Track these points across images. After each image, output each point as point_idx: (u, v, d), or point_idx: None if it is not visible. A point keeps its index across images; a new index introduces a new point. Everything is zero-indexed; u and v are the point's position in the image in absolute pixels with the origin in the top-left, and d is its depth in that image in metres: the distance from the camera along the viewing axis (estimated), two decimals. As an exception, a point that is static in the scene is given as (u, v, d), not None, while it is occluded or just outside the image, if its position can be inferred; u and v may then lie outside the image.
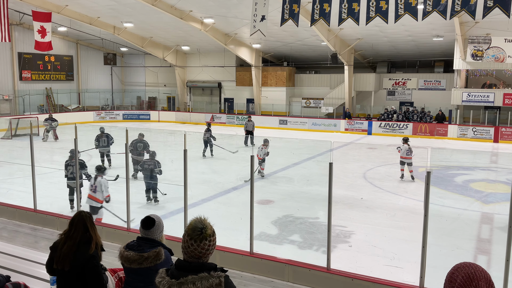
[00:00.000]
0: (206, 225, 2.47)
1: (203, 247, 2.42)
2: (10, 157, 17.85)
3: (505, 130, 24.34)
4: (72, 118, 27.35)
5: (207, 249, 2.44)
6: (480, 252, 8.27)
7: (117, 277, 3.94)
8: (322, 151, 18.29)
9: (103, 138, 15.30)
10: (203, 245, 2.42)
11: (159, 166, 10.86)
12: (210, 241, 2.45)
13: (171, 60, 33.75)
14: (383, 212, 10.48)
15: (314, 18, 11.96)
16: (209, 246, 2.45)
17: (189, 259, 2.43)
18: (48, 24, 22.83)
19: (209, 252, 2.46)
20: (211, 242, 2.46)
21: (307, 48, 29.59)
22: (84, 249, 3.50)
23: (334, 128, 28.56)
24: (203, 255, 2.43)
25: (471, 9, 10.38)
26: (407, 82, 30.51)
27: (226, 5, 22.13)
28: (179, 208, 9.88)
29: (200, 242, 2.42)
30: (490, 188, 12.69)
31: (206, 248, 2.43)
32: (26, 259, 5.32)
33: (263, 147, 13.85)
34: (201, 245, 2.42)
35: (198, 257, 2.43)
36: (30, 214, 8.61)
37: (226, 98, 34.97)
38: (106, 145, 15.33)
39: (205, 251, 2.43)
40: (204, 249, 2.43)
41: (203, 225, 2.47)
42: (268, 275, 6.29)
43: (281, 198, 11.59)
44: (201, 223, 2.48)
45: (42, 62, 31.65)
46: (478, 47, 23.88)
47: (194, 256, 2.42)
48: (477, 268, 1.89)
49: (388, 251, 7.96)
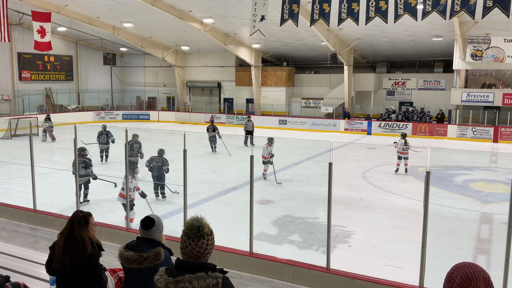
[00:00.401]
0: (203, 224, 2.46)
1: (201, 246, 2.41)
2: (9, 157, 17.83)
3: (505, 130, 24.35)
4: (72, 118, 27.35)
5: (205, 248, 2.43)
6: (480, 252, 8.27)
7: (116, 277, 3.94)
8: (321, 151, 18.30)
9: (103, 135, 16.00)
10: (201, 244, 2.42)
11: (167, 164, 11.01)
12: (208, 240, 2.44)
13: (171, 60, 33.75)
14: (382, 212, 10.48)
15: (313, 18, 11.96)
16: (207, 246, 2.43)
17: (188, 260, 2.42)
18: (48, 24, 22.83)
19: (207, 252, 2.44)
20: (209, 241, 2.45)
21: (306, 48, 29.60)
22: (81, 249, 3.49)
23: (334, 128, 28.57)
24: (202, 255, 2.42)
25: (471, 9, 10.38)
26: (406, 82, 30.52)
27: (226, 5, 22.13)
28: (178, 208, 9.88)
29: (198, 241, 2.41)
30: (489, 188, 12.70)
31: (204, 247, 2.42)
32: (25, 259, 5.32)
33: (268, 146, 13.41)
34: (199, 244, 2.41)
35: (197, 257, 2.41)
36: (29, 214, 8.61)
37: (226, 98, 34.98)
38: (105, 142, 16.01)
39: (203, 250, 2.42)
40: (202, 249, 2.42)
41: (200, 223, 2.46)
42: (267, 275, 6.30)
43: (281, 198, 11.59)
44: (198, 221, 2.47)
45: (41, 62, 31.64)
46: (477, 47, 23.89)
47: (193, 256, 2.41)
48: (476, 268, 1.89)
49: (388, 251, 7.96)
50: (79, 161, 10.17)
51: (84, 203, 10.60)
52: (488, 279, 1.87)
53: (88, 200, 10.82)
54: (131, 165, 12.92)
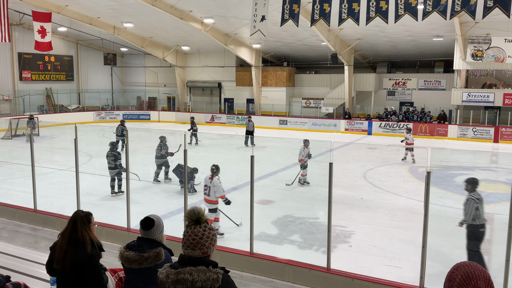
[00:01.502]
0: (202, 213, 2.49)
1: (196, 233, 2.42)
2: (10, 157, 17.85)
3: (505, 130, 24.34)
4: (72, 118, 27.36)
5: (200, 237, 2.43)
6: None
7: (117, 277, 3.93)
8: (322, 151, 18.25)
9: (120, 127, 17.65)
10: (196, 232, 2.43)
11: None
12: (204, 230, 2.45)
13: (171, 60, 33.75)
14: (383, 212, 10.48)
15: (314, 18, 11.96)
16: (202, 235, 2.43)
17: (185, 251, 2.44)
18: (48, 24, 22.83)
19: (203, 242, 2.43)
20: (205, 232, 2.45)
21: (307, 48, 29.59)
22: (81, 249, 3.49)
23: (334, 128, 28.56)
24: (197, 244, 2.41)
25: (471, 9, 10.38)
26: (407, 82, 30.51)
27: (226, 5, 22.13)
28: (179, 208, 9.89)
29: (194, 228, 2.44)
30: (490, 188, 12.67)
31: (199, 236, 2.42)
32: (26, 259, 5.32)
33: (304, 148, 13.03)
34: (195, 231, 2.43)
35: (193, 246, 2.41)
36: (30, 214, 8.62)
37: (226, 98, 34.97)
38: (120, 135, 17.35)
39: (199, 238, 2.42)
40: (197, 237, 2.42)
41: (199, 211, 2.49)
42: (268, 275, 6.30)
43: (281, 198, 11.59)
44: (198, 209, 2.50)
45: (42, 62, 31.66)
46: (478, 47, 23.88)
47: (189, 245, 2.42)
48: (476, 268, 1.89)
49: (388, 251, 7.96)
50: (110, 154, 11.38)
51: (118, 193, 11.43)
52: (489, 278, 1.87)
53: (122, 191, 11.28)
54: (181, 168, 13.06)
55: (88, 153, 17.52)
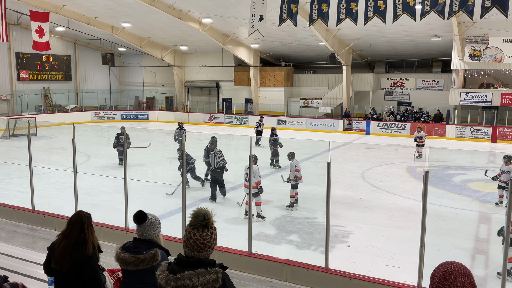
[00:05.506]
0: (209, 215, 2.44)
1: (204, 237, 2.39)
2: (8, 157, 17.82)
3: (503, 130, 24.40)
4: (70, 118, 27.34)
5: (208, 240, 2.40)
6: (478, 251, 8.29)
7: (115, 277, 3.93)
8: (320, 151, 18.29)
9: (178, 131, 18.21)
10: (205, 236, 2.39)
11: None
12: (212, 233, 2.42)
13: (169, 60, 33.72)
14: (381, 212, 10.49)
15: (312, 18, 11.97)
16: (210, 238, 2.41)
17: (190, 253, 2.40)
18: (46, 24, 22.80)
19: (209, 246, 2.41)
20: (213, 235, 2.43)
21: (305, 48, 29.60)
22: (80, 250, 3.49)
23: (332, 128, 28.59)
24: (204, 248, 2.39)
25: (469, 9, 10.41)
26: (405, 82, 30.55)
27: (224, 5, 22.13)
28: (177, 208, 9.87)
29: (202, 232, 2.39)
30: (488, 188, 12.69)
31: (207, 239, 2.40)
32: (24, 260, 5.30)
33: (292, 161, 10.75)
34: (203, 235, 2.39)
35: (199, 249, 2.38)
36: (28, 214, 8.60)
37: (224, 98, 34.96)
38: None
39: (206, 242, 2.39)
40: (205, 240, 2.39)
41: (206, 213, 2.43)
42: (266, 275, 6.30)
43: (280, 198, 11.58)
44: (205, 211, 2.44)
45: (40, 62, 31.59)
46: (476, 47, 23.93)
47: (195, 248, 2.38)
48: (456, 264, 1.97)
49: (387, 251, 7.97)
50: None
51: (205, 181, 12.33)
52: (469, 273, 1.94)
53: (207, 180, 12.15)
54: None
55: (86, 153, 17.50)
